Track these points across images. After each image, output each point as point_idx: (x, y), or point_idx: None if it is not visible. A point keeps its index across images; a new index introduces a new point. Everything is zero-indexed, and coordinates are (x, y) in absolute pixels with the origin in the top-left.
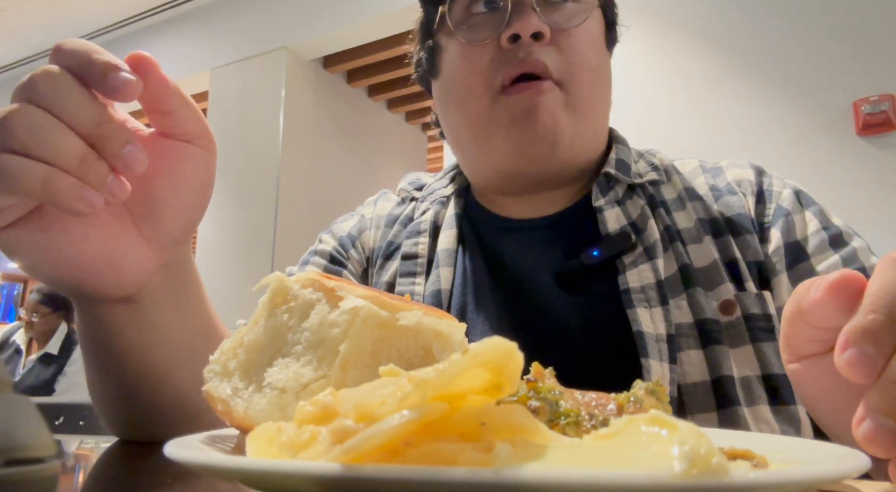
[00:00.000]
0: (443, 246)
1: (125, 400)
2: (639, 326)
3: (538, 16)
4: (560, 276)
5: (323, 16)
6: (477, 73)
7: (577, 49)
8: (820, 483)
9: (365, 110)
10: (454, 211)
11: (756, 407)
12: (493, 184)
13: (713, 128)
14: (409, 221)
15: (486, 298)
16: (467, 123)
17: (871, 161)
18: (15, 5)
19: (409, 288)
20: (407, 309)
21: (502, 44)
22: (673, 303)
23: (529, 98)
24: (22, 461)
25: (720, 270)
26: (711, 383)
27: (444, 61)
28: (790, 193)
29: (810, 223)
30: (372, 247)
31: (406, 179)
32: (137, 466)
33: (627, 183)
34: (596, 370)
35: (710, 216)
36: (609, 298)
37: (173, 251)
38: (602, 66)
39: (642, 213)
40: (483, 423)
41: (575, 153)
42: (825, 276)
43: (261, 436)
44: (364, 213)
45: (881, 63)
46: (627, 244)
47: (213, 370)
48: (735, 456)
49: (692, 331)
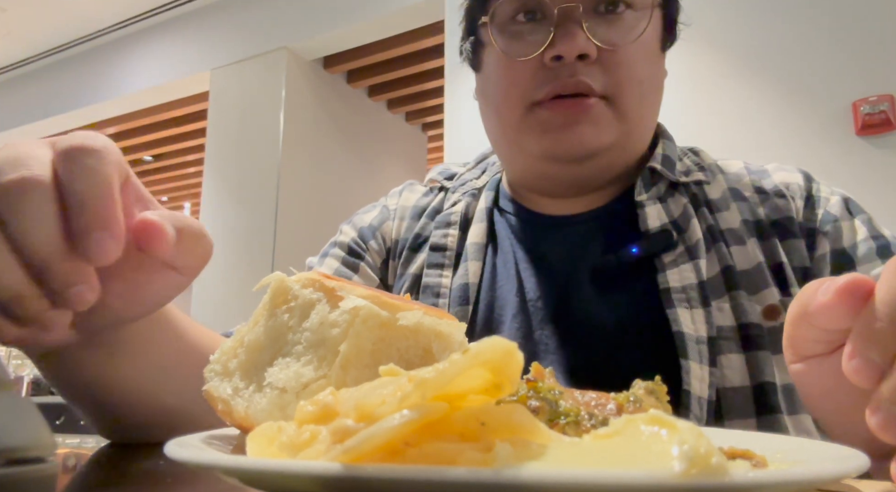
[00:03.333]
0: (472, 239)
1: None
2: (679, 326)
3: (585, 33)
4: (596, 272)
5: (323, 16)
6: (515, 86)
7: (627, 65)
8: (820, 483)
9: (365, 110)
10: (485, 204)
11: (798, 416)
12: (527, 182)
13: (713, 128)
14: (436, 212)
15: (516, 295)
16: (501, 127)
17: (870, 161)
18: (15, 5)
19: (437, 280)
20: (407, 309)
21: (545, 61)
22: (715, 305)
23: (569, 115)
24: (22, 461)
25: (765, 274)
26: (752, 388)
27: (485, 60)
28: (838, 199)
29: (859, 231)
30: (395, 238)
31: (435, 169)
32: (138, 465)
33: (671, 181)
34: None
35: (755, 218)
36: (647, 298)
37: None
38: (654, 75)
39: (685, 211)
40: (483, 423)
41: (613, 161)
42: (833, 278)
43: (261, 436)
44: (387, 204)
45: (881, 63)
46: (668, 242)
47: (214, 370)
48: (735, 456)
49: (734, 334)
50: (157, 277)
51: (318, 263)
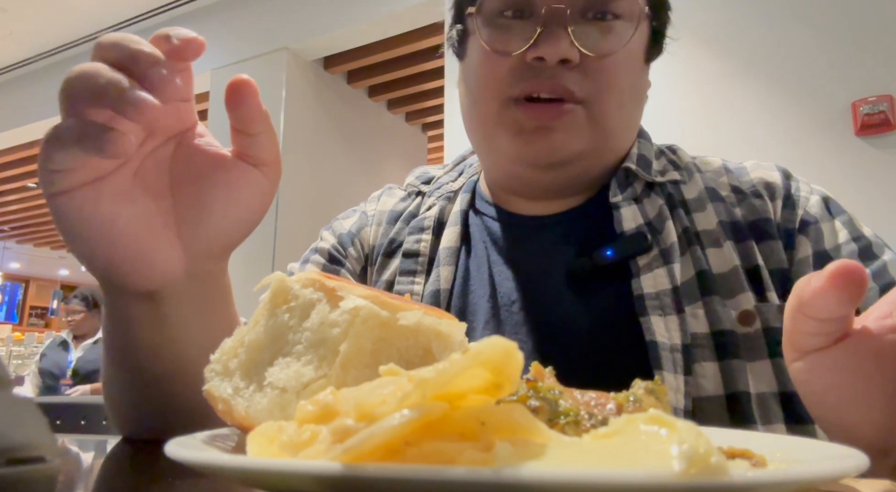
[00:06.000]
0: (445, 244)
1: (137, 396)
2: (652, 335)
3: (570, 38)
4: (570, 276)
5: (323, 16)
6: (494, 80)
7: (608, 73)
8: (819, 482)
9: (365, 111)
10: (460, 207)
11: (772, 426)
12: (501, 182)
13: (712, 127)
14: (412, 217)
15: (489, 300)
16: (478, 119)
17: (869, 161)
18: (16, 6)
19: (409, 287)
20: (407, 309)
21: (526, 60)
22: (689, 311)
23: (542, 120)
24: (22, 461)
25: (740, 278)
26: (726, 397)
27: (468, 49)
28: (818, 199)
29: (840, 233)
30: (372, 244)
31: (413, 173)
32: (138, 465)
33: (647, 181)
34: (604, 376)
35: (731, 219)
36: (622, 303)
37: (205, 263)
38: (635, 86)
39: (660, 212)
40: (483, 422)
41: (587, 168)
42: (825, 267)
43: (261, 435)
44: (366, 209)
45: (880, 64)
46: (643, 245)
47: (214, 370)
48: (734, 455)
49: (708, 342)
50: (243, 176)
51: (299, 269)
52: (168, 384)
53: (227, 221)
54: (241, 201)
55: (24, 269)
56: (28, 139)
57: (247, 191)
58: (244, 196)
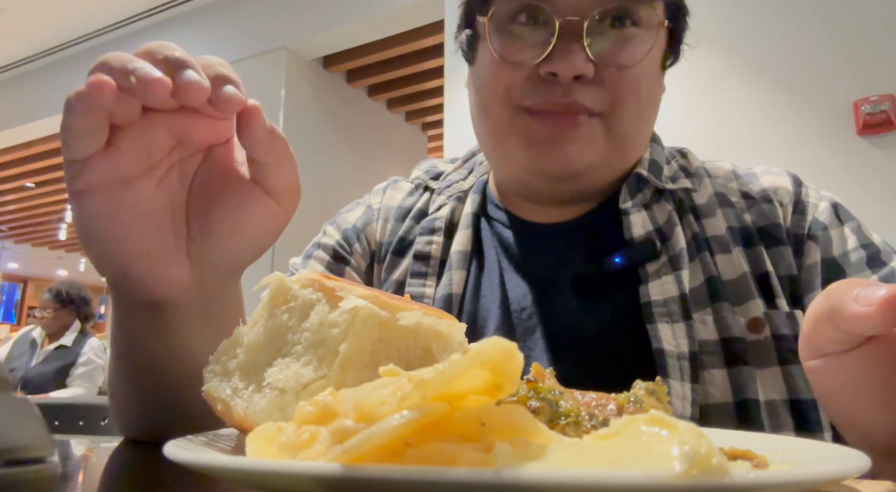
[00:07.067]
0: (457, 248)
1: (140, 402)
2: (659, 343)
3: (585, 52)
4: (579, 282)
5: (323, 16)
6: (505, 89)
7: (625, 85)
8: (820, 483)
9: (365, 110)
10: (471, 209)
11: (782, 434)
12: (511, 187)
13: (713, 128)
14: (422, 214)
15: (500, 306)
16: (489, 125)
17: (871, 161)
18: (15, 5)
19: (420, 290)
20: (407, 309)
21: (539, 72)
22: (697, 317)
23: (556, 131)
24: (22, 461)
25: (749, 285)
26: (735, 405)
27: (478, 55)
28: (827, 205)
29: (849, 239)
30: (379, 241)
31: (420, 166)
32: (137, 466)
33: (657, 187)
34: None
35: (741, 225)
36: (630, 309)
37: (214, 280)
38: (652, 94)
39: (669, 219)
40: (483, 423)
41: (600, 178)
42: (867, 282)
43: (261, 436)
44: (371, 203)
45: (881, 63)
46: (651, 252)
47: (213, 370)
48: (735, 456)
49: (717, 349)
50: (256, 202)
51: (301, 266)
52: (172, 393)
53: (234, 243)
54: (248, 226)
55: (23, 269)
56: (26, 139)
57: (255, 217)
58: (251, 221)
